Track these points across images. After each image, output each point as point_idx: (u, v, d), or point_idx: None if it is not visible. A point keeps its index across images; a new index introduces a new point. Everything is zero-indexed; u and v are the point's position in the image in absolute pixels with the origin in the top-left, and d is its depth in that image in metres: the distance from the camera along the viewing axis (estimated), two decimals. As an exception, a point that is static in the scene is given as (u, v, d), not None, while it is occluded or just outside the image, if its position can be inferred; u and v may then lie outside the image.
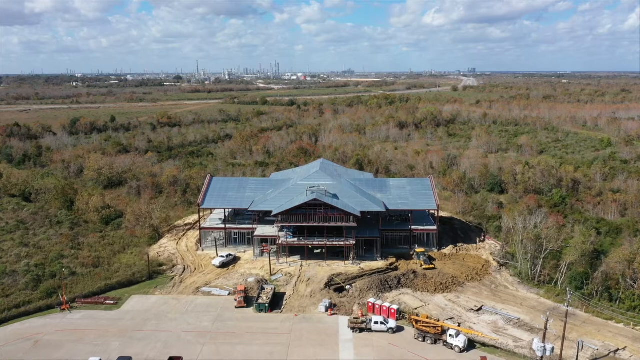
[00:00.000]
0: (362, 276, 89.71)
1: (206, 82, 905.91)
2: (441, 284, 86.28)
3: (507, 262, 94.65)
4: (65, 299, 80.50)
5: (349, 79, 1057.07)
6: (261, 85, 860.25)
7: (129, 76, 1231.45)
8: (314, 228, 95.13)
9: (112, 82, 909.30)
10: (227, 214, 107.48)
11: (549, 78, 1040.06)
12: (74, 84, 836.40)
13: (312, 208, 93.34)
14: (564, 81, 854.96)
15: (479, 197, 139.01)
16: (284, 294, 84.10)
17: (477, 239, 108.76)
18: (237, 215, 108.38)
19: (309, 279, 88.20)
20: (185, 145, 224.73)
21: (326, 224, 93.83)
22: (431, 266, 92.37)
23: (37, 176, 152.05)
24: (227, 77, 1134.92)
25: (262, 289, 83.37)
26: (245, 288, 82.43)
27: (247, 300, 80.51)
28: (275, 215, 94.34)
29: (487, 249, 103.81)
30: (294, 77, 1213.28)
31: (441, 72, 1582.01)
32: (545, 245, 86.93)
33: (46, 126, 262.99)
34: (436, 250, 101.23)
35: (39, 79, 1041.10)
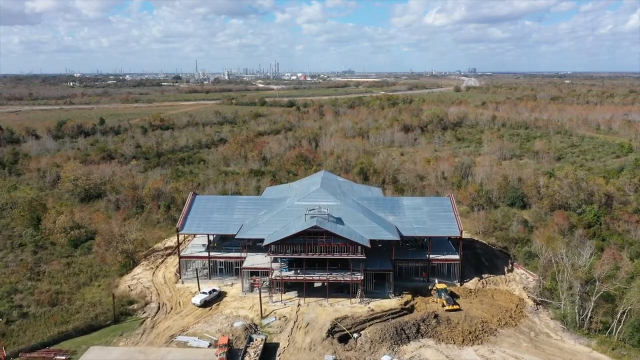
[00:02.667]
0: (372, 319, 74.22)
1: (205, 82, 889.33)
2: (470, 332, 70.62)
3: (545, 300, 79.05)
4: (5, 354, 64.93)
5: (350, 79, 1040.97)
6: (260, 85, 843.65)
7: (127, 76, 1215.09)
8: (314, 259, 79.57)
9: (109, 82, 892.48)
10: (212, 238, 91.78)
11: (551, 78, 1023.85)
12: (71, 83, 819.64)
13: (311, 236, 77.61)
14: (567, 82, 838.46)
15: (499, 213, 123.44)
16: (277, 345, 68.53)
17: (505, 268, 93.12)
18: (224, 239, 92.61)
19: (307, 324, 72.62)
20: (175, 151, 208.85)
21: (329, 256, 78.25)
22: (455, 307, 76.66)
23: (5, 188, 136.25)
24: (226, 77, 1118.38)
25: (251, 339, 67.74)
26: (229, 340, 66.68)
27: (231, 356, 64.93)
28: (267, 245, 78.66)
29: (518, 281, 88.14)
30: (293, 77, 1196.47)
31: (441, 72, 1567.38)
32: (598, 287, 71.08)
33: (31, 129, 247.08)
34: (459, 285, 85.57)
35: (36, 78, 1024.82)
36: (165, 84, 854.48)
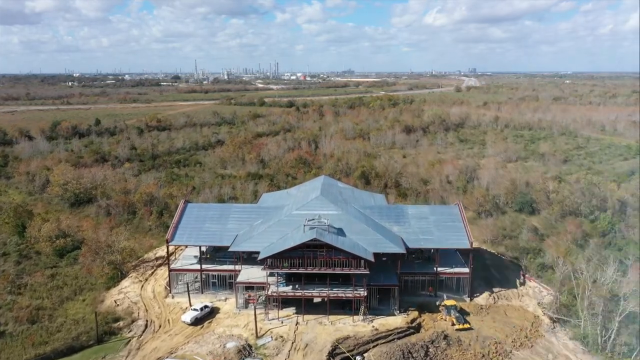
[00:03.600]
0: (376, 340, 68.66)
1: (204, 82, 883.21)
2: (483, 355, 65.05)
3: (563, 317, 73.46)
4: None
5: (349, 79, 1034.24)
6: (260, 85, 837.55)
7: (127, 76, 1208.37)
8: (313, 273, 73.95)
9: (108, 82, 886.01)
10: (204, 249, 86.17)
11: (552, 78, 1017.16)
12: (70, 83, 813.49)
13: (311, 250, 72.04)
14: (567, 82, 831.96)
15: (507, 220, 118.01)
16: (274, 369, 63.06)
17: (517, 281, 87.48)
18: (217, 250, 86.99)
19: (306, 346, 67.05)
20: (171, 153, 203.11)
21: (329, 271, 72.68)
22: (466, 326, 71.10)
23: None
24: (225, 77, 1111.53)
25: (244, 364, 62.33)
26: (221, 365, 61.31)
27: (223, 383, 59.50)
28: (263, 259, 73.05)
29: (532, 295, 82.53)
30: (293, 77, 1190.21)
31: (441, 72, 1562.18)
32: (623, 306, 65.50)
33: (24, 130, 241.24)
34: (469, 300, 79.99)
35: (35, 78, 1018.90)
36: (164, 84, 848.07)
